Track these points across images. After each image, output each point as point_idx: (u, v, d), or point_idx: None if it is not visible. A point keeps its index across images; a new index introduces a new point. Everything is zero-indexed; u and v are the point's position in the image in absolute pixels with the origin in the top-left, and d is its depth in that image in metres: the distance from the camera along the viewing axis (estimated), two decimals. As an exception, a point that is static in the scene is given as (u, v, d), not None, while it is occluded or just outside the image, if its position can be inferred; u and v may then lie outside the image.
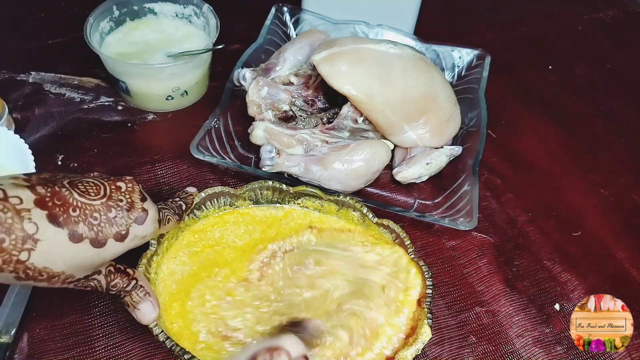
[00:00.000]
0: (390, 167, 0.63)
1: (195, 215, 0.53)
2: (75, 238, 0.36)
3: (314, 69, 0.63)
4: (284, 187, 0.55)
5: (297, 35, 0.75)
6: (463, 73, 0.74)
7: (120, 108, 0.68)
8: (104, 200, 0.38)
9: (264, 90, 0.63)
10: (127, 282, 0.42)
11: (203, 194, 0.53)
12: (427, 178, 0.62)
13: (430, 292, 0.48)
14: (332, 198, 0.55)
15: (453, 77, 0.75)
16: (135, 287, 0.42)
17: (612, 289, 0.55)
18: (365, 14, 0.75)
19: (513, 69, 0.82)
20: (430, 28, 0.80)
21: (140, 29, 0.69)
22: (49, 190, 0.36)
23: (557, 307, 0.54)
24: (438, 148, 0.63)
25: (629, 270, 0.58)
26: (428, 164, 0.61)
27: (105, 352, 0.46)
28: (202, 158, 0.58)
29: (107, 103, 0.68)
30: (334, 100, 0.64)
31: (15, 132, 0.57)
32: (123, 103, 0.68)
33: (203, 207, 0.53)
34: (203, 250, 0.51)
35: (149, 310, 0.43)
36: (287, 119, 0.64)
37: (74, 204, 0.36)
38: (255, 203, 0.55)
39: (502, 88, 0.77)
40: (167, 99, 0.66)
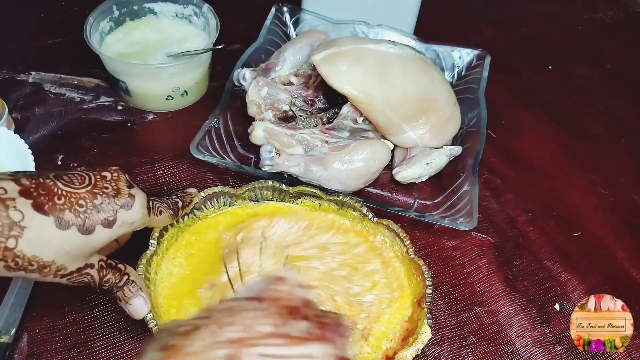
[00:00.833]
0: (390, 167, 0.63)
1: (195, 215, 0.53)
2: (62, 225, 0.36)
3: (314, 69, 0.63)
4: (284, 187, 0.55)
5: (297, 35, 0.75)
6: (463, 73, 0.74)
7: (120, 108, 0.68)
8: (89, 189, 0.38)
9: (264, 90, 0.62)
10: (119, 277, 0.42)
11: (203, 194, 0.53)
12: (427, 178, 0.62)
13: (430, 292, 0.48)
14: (332, 198, 0.55)
15: (453, 77, 0.74)
16: (127, 282, 0.43)
17: (612, 289, 0.55)
18: (365, 14, 0.75)
19: (513, 69, 0.82)
20: (430, 28, 0.80)
21: (140, 29, 0.69)
22: (34, 182, 0.36)
23: (557, 307, 0.54)
24: (438, 148, 0.63)
25: (629, 270, 0.58)
26: (428, 164, 0.61)
27: (105, 352, 0.46)
28: (202, 158, 0.58)
29: (107, 103, 0.68)
30: (334, 100, 0.64)
31: (15, 132, 0.57)
32: (123, 103, 0.68)
33: (203, 207, 0.53)
34: (200, 252, 0.51)
35: (141, 305, 0.43)
36: (287, 119, 0.64)
37: (59, 193, 0.37)
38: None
39: (502, 88, 0.77)
40: (167, 99, 0.66)
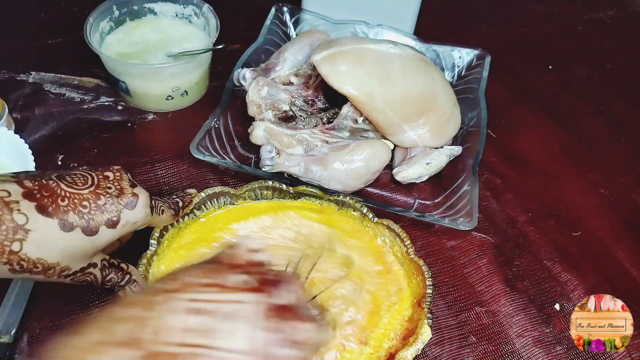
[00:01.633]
0: (390, 167, 0.63)
1: (195, 215, 0.53)
2: (67, 227, 0.36)
3: (314, 69, 0.63)
4: (284, 187, 0.55)
5: (297, 35, 0.75)
6: (463, 73, 0.74)
7: (120, 108, 0.68)
8: (92, 189, 0.38)
9: (264, 90, 0.62)
10: (121, 276, 0.42)
11: (203, 194, 0.53)
12: (427, 178, 0.62)
13: (430, 292, 0.48)
14: (332, 198, 0.55)
15: (453, 77, 0.74)
16: (129, 281, 0.43)
17: (612, 289, 0.55)
18: (365, 14, 0.75)
19: (513, 69, 0.82)
20: (430, 28, 0.80)
21: (140, 29, 0.69)
22: (37, 184, 0.36)
23: (557, 307, 0.54)
24: (438, 148, 0.63)
25: (629, 270, 0.58)
26: (428, 164, 0.61)
27: (105, 352, 0.46)
28: (202, 158, 0.58)
29: (107, 103, 0.68)
30: (334, 100, 0.64)
31: (15, 132, 0.57)
32: (123, 103, 0.68)
33: (203, 207, 0.53)
34: (200, 252, 0.51)
35: None
36: (287, 119, 0.64)
37: (62, 194, 0.36)
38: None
39: (502, 88, 0.77)
40: (167, 99, 0.66)
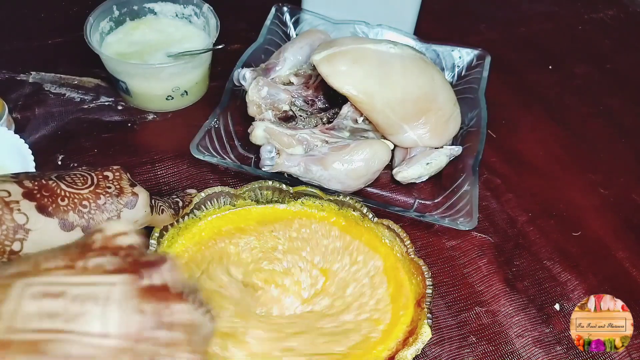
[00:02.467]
0: (390, 167, 0.63)
1: (195, 215, 0.53)
2: (67, 227, 0.36)
3: (314, 69, 0.63)
4: (284, 187, 0.55)
5: (297, 35, 0.75)
6: (463, 73, 0.74)
7: (120, 108, 0.68)
8: (92, 189, 0.38)
9: (264, 90, 0.62)
10: None
11: (203, 194, 0.53)
12: (427, 178, 0.62)
13: (430, 292, 0.48)
14: (332, 198, 0.55)
15: (453, 77, 0.74)
16: None
17: (612, 289, 0.55)
18: (365, 14, 0.75)
19: (513, 69, 0.82)
20: (430, 28, 0.80)
21: (140, 29, 0.69)
22: (36, 184, 0.36)
23: (557, 307, 0.54)
24: (438, 148, 0.63)
25: (629, 270, 0.58)
26: (428, 164, 0.61)
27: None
28: (202, 158, 0.58)
29: (107, 103, 0.68)
30: (334, 100, 0.64)
31: (15, 132, 0.57)
32: (123, 103, 0.68)
33: (203, 207, 0.53)
34: (200, 252, 0.51)
35: None
36: (287, 119, 0.64)
37: (62, 194, 0.37)
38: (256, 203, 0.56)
39: (502, 88, 0.77)
40: (167, 99, 0.66)
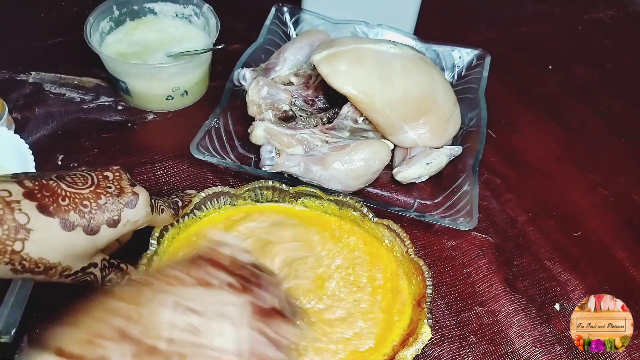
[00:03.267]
0: (390, 167, 0.63)
1: (195, 215, 0.53)
2: (68, 226, 0.36)
3: (314, 69, 0.63)
4: (284, 187, 0.55)
5: (297, 35, 0.75)
6: (463, 73, 0.74)
7: (120, 108, 0.68)
8: (92, 189, 0.38)
9: (264, 90, 0.62)
10: (121, 277, 0.42)
11: (203, 194, 0.53)
12: (427, 178, 0.62)
13: (430, 292, 0.48)
14: (332, 198, 0.55)
15: (453, 77, 0.74)
16: (129, 282, 0.43)
17: (612, 289, 0.55)
18: (365, 14, 0.75)
19: (513, 69, 0.82)
20: (430, 28, 0.80)
21: (140, 29, 0.69)
22: (37, 184, 0.36)
23: (557, 307, 0.54)
24: (438, 148, 0.63)
25: (629, 270, 0.58)
26: (428, 164, 0.61)
27: (105, 352, 0.46)
28: (202, 158, 0.58)
29: (107, 103, 0.68)
30: (334, 100, 0.64)
31: (15, 132, 0.57)
32: (123, 103, 0.68)
33: (203, 207, 0.53)
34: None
35: None
36: (287, 119, 0.64)
37: (63, 194, 0.37)
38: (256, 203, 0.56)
39: (502, 88, 0.77)
40: (167, 99, 0.66)
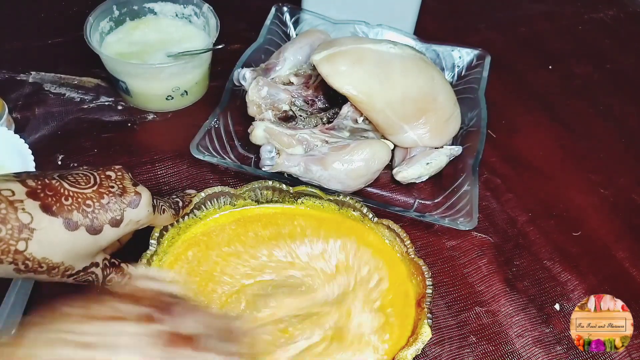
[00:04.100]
0: (390, 167, 0.63)
1: (195, 215, 0.53)
2: (71, 226, 0.36)
3: (314, 69, 0.63)
4: (284, 187, 0.55)
5: (297, 35, 0.75)
6: (463, 73, 0.74)
7: (120, 108, 0.68)
8: (95, 188, 0.38)
9: (264, 90, 0.63)
10: (122, 277, 0.42)
11: (203, 194, 0.52)
12: (427, 178, 0.62)
13: (430, 292, 0.48)
14: (332, 198, 0.55)
15: (453, 77, 0.74)
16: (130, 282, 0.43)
17: (612, 289, 0.55)
18: (365, 14, 0.75)
19: (513, 69, 0.82)
20: (430, 28, 0.80)
21: (140, 29, 0.69)
22: (40, 183, 0.36)
23: (557, 307, 0.54)
24: (438, 148, 0.63)
25: (629, 270, 0.58)
26: (428, 164, 0.61)
27: (105, 352, 0.46)
28: (202, 158, 0.58)
29: (107, 103, 0.68)
30: (334, 100, 0.64)
31: (15, 132, 0.57)
32: (123, 103, 0.68)
33: (203, 207, 0.53)
34: (200, 252, 0.51)
35: None
36: (287, 119, 0.64)
37: (66, 194, 0.37)
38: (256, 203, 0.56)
39: (502, 88, 0.77)
40: (167, 99, 0.66)
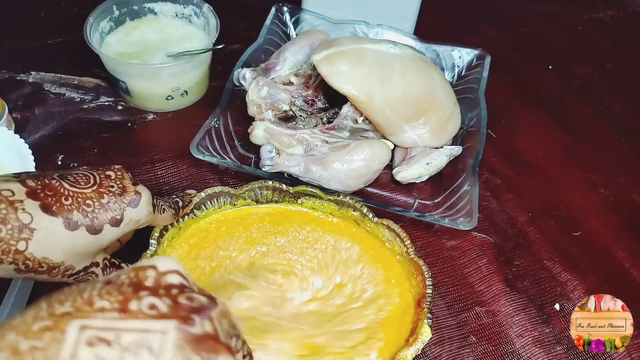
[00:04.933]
0: (390, 167, 0.63)
1: (195, 215, 0.53)
2: (71, 226, 0.36)
3: (314, 69, 0.63)
4: (284, 187, 0.55)
5: (297, 35, 0.75)
6: (463, 73, 0.74)
7: (120, 108, 0.68)
8: (95, 188, 0.38)
9: (264, 90, 0.63)
10: None
11: (203, 194, 0.52)
12: (427, 178, 0.62)
13: (430, 292, 0.48)
14: (332, 198, 0.55)
15: (453, 77, 0.74)
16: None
17: (612, 289, 0.55)
18: (365, 14, 0.75)
19: (513, 69, 0.82)
20: (430, 28, 0.80)
21: (140, 29, 0.69)
22: (39, 183, 0.36)
23: (557, 307, 0.54)
24: (438, 148, 0.63)
25: (629, 270, 0.58)
26: (428, 164, 0.61)
27: (105, 352, 0.46)
28: (202, 158, 0.58)
29: (107, 103, 0.68)
30: (334, 100, 0.64)
31: (15, 132, 0.57)
32: (123, 103, 0.68)
33: (203, 207, 0.53)
34: (200, 252, 0.51)
35: None
36: (287, 119, 0.64)
37: (66, 193, 0.37)
38: (256, 203, 0.56)
39: (502, 88, 0.77)
40: (167, 99, 0.66)
